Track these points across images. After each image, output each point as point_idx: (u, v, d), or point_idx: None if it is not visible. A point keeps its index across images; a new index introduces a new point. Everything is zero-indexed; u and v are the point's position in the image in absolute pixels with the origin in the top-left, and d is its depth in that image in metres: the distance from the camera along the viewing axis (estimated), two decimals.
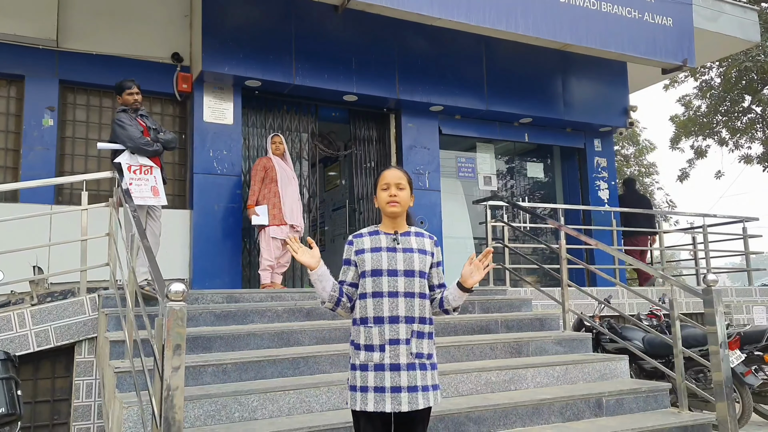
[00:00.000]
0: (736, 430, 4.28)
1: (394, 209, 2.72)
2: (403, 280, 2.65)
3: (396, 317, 2.62)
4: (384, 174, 2.79)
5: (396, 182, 2.74)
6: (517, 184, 9.94)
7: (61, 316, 4.90)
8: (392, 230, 2.77)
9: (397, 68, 8.05)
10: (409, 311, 2.63)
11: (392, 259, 2.68)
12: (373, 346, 2.62)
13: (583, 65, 9.30)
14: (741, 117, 16.98)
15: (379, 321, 2.63)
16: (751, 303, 8.90)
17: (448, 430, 3.98)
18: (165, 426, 2.65)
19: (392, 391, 2.55)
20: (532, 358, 5.22)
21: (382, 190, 2.76)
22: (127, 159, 5.50)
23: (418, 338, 2.63)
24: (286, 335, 4.81)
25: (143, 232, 3.94)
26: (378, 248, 2.71)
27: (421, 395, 2.58)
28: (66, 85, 6.96)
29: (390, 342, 2.60)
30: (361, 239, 2.78)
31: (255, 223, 6.63)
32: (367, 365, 2.62)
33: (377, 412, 2.55)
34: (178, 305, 2.73)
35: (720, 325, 4.35)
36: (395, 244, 2.71)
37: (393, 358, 2.59)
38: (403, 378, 2.57)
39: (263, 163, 6.77)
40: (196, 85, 7.20)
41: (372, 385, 2.58)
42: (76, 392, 4.90)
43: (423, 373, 2.61)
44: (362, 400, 2.59)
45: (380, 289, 2.64)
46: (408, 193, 2.77)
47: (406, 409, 2.54)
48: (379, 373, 2.59)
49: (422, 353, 2.63)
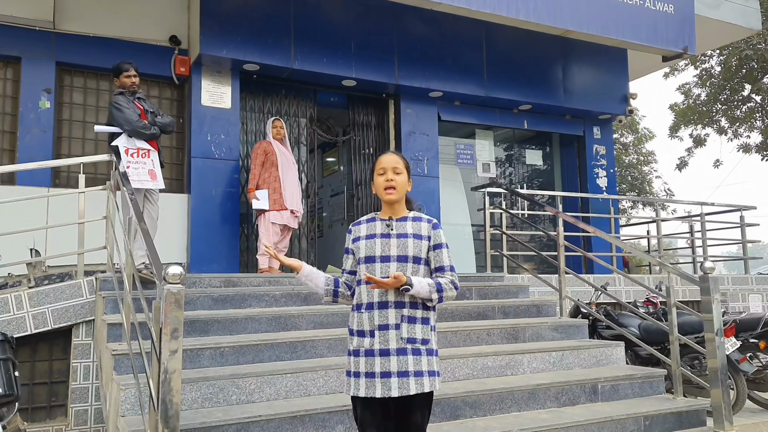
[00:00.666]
0: (730, 416, 4.31)
1: (391, 196, 2.71)
2: (396, 265, 2.65)
3: (386, 303, 2.62)
4: (381, 159, 2.78)
5: (393, 167, 2.73)
6: (516, 172, 9.93)
7: (58, 299, 4.90)
8: (389, 216, 2.76)
9: (397, 53, 8.00)
10: (399, 296, 2.62)
11: (386, 245, 2.68)
12: (363, 331, 2.63)
13: (583, 52, 9.26)
14: (740, 106, 16.95)
15: (369, 307, 2.64)
16: (747, 291, 8.94)
17: (445, 414, 4.00)
18: (162, 408, 2.66)
19: (382, 377, 2.55)
20: (528, 344, 5.24)
21: (378, 176, 2.75)
22: (124, 142, 5.47)
23: (409, 323, 2.61)
24: (283, 319, 4.81)
25: (141, 216, 3.93)
26: (373, 235, 2.72)
27: (413, 380, 2.55)
28: (63, 67, 6.91)
29: (379, 327, 2.60)
30: (359, 227, 2.81)
31: (255, 207, 6.58)
32: (359, 350, 2.63)
33: (375, 398, 2.55)
34: (175, 288, 2.73)
35: (716, 312, 4.37)
36: (389, 230, 2.71)
37: (382, 343, 2.58)
38: (393, 363, 2.56)
39: (263, 146, 6.73)
40: (194, 68, 7.15)
41: (363, 370, 2.59)
42: (74, 374, 4.91)
43: (416, 358, 2.58)
44: (355, 385, 2.60)
45: (372, 274, 2.64)
46: (405, 177, 2.76)
47: (396, 394, 2.52)
48: (369, 358, 2.59)
49: (415, 338, 2.60)
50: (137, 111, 5.54)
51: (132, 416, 3.50)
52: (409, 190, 2.82)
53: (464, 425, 3.91)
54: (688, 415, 4.45)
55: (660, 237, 9.52)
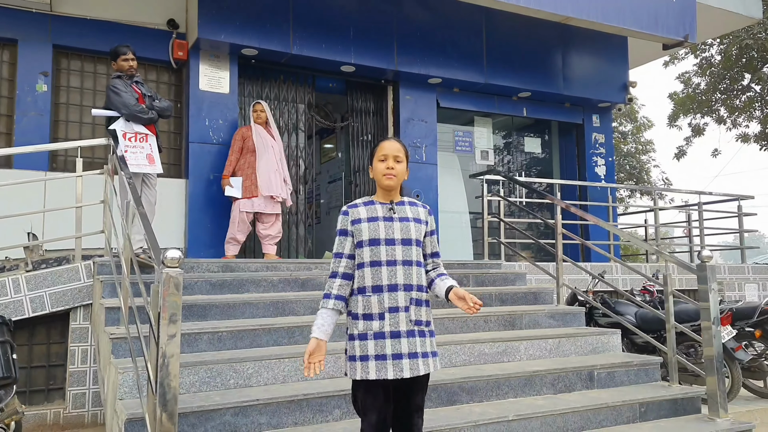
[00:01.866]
0: (725, 403, 4.34)
1: (390, 182, 2.71)
2: (401, 248, 2.65)
3: (395, 285, 2.62)
4: (382, 145, 2.75)
5: (394, 155, 2.71)
6: (514, 159, 9.91)
7: (56, 283, 4.90)
8: (387, 200, 2.76)
9: (396, 39, 7.96)
10: (408, 279, 2.64)
11: (389, 228, 2.67)
12: (372, 314, 2.62)
13: (583, 39, 9.22)
14: (740, 95, 16.92)
15: (378, 290, 2.63)
16: (743, 280, 8.98)
17: (441, 400, 4.02)
18: (160, 392, 2.67)
19: (393, 358, 2.57)
20: (525, 330, 5.26)
21: (379, 161, 2.73)
22: (122, 126, 5.45)
23: (416, 306, 2.64)
24: (281, 305, 4.82)
25: (139, 200, 3.92)
26: (375, 218, 2.70)
27: (422, 361, 2.60)
28: (60, 50, 6.86)
29: (390, 310, 2.61)
30: (357, 209, 2.75)
31: (228, 194, 6.55)
32: (366, 334, 2.62)
33: (378, 380, 2.57)
34: (174, 272, 2.73)
35: (713, 301, 4.38)
36: (392, 214, 2.71)
37: (393, 325, 2.60)
38: (404, 345, 2.59)
39: (242, 132, 6.67)
40: (192, 52, 7.10)
41: (372, 353, 2.59)
42: (72, 358, 4.93)
43: (422, 340, 2.63)
44: (363, 368, 2.58)
45: (378, 258, 2.63)
46: (404, 166, 2.76)
47: (408, 375, 2.55)
48: (379, 341, 2.59)
49: (421, 320, 2.65)
50: (135, 95, 5.51)
51: (130, 399, 3.51)
52: (406, 179, 2.81)
53: (461, 411, 3.93)
54: (683, 402, 4.47)
55: (657, 226, 9.53)
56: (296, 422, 3.60)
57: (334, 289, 2.68)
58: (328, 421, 3.68)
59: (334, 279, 2.70)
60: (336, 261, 2.73)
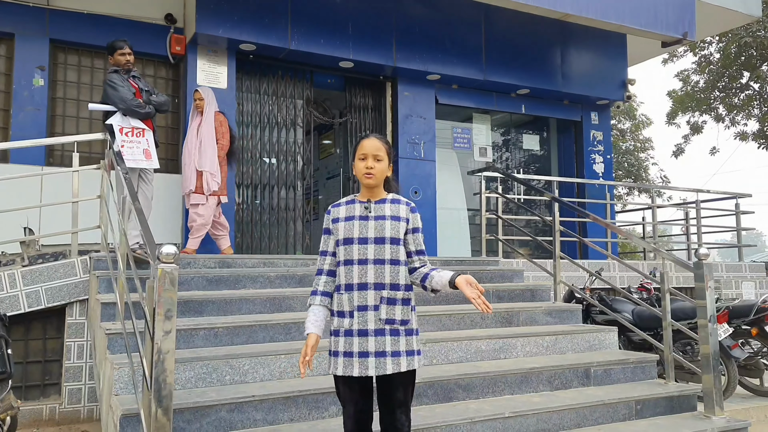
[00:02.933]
0: (721, 401, 4.35)
1: (370, 181, 2.71)
2: (373, 247, 2.65)
3: (365, 284, 2.63)
4: (363, 143, 2.73)
5: (374, 154, 2.70)
6: (513, 156, 9.91)
7: (52, 278, 4.89)
8: (368, 198, 2.76)
9: (395, 35, 7.94)
10: (379, 278, 2.63)
11: (363, 227, 2.68)
12: (343, 312, 2.65)
13: (582, 37, 9.20)
14: (738, 93, 16.92)
15: (349, 288, 2.65)
16: (740, 278, 8.99)
17: (438, 396, 4.02)
18: (156, 387, 2.66)
19: (360, 356, 2.59)
20: (522, 327, 5.26)
21: (359, 160, 2.73)
22: (119, 121, 5.42)
23: (388, 305, 2.63)
24: (278, 301, 4.81)
25: (135, 195, 3.90)
26: (351, 217, 2.72)
27: (390, 360, 2.59)
28: (57, 44, 6.83)
29: (358, 308, 2.62)
30: (338, 208, 2.80)
31: None
32: (339, 330, 2.66)
33: (355, 377, 2.59)
34: (169, 267, 2.72)
35: (710, 298, 4.38)
36: (367, 213, 2.71)
37: (361, 324, 2.61)
38: (371, 343, 2.59)
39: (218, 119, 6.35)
40: (190, 47, 7.07)
41: (342, 350, 2.63)
42: (68, 353, 4.91)
43: (394, 338, 2.62)
44: (334, 364, 2.65)
45: (351, 257, 2.66)
46: (386, 164, 2.74)
47: (372, 373, 2.57)
48: (348, 338, 2.62)
49: (393, 319, 2.62)
50: (132, 89, 5.49)
51: (125, 395, 3.50)
52: (389, 175, 2.80)
53: (457, 408, 3.93)
54: (679, 400, 4.48)
55: (655, 223, 9.54)
56: (292, 418, 3.60)
57: (320, 286, 2.77)
58: (323, 417, 3.67)
59: (319, 276, 2.79)
60: (321, 258, 2.80)
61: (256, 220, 7.59)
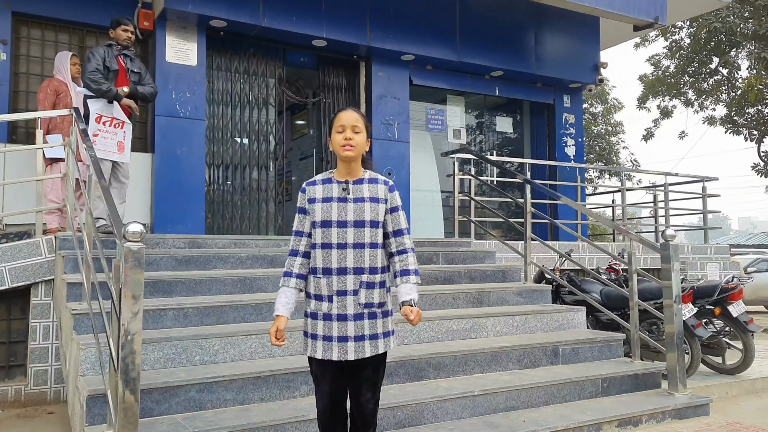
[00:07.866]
0: (684, 379, 4.46)
1: (349, 153, 2.63)
2: (353, 231, 2.61)
3: (344, 269, 2.59)
4: (340, 116, 2.68)
5: (352, 125, 2.64)
6: (486, 139, 9.94)
7: (16, 257, 4.77)
8: (345, 177, 2.69)
9: (369, 14, 7.85)
10: (359, 262, 2.60)
11: (342, 210, 2.62)
12: (322, 296, 2.61)
13: (556, 19, 9.22)
14: (707, 78, 17.19)
15: (327, 272, 2.60)
16: (705, 260, 9.20)
17: (409, 375, 4.05)
18: (123, 368, 2.63)
19: (339, 341, 2.57)
20: (493, 308, 5.32)
21: (337, 133, 2.65)
22: (99, 108, 5.31)
23: (367, 289, 2.61)
24: (249, 281, 4.78)
25: (101, 173, 3.82)
26: (329, 198, 2.64)
27: (369, 344, 2.59)
28: (20, 17, 6.59)
29: (338, 293, 2.59)
30: (314, 187, 2.70)
31: (49, 155, 5.57)
32: (317, 314, 2.63)
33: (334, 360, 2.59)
34: (135, 246, 2.67)
35: (675, 279, 4.47)
36: (345, 194, 2.65)
37: (340, 308, 2.59)
38: (350, 328, 2.58)
39: (54, 86, 5.88)
40: (159, 23, 6.90)
41: (321, 333, 2.60)
42: (33, 334, 4.82)
43: (372, 322, 2.61)
44: (312, 347, 2.63)
45: (329, 240, 2.60)
46: (364, 137, 2.68)
47: (352, 357, 2.57)
48: (327, 322, 2.60)
49: (372, 303, 2.61)
50: (116, 66, 5.44)
51: (92, 376, 3.46)
52: (367, 150, 2.74)
53: (428, 386, 3.96)
54: (645, 378, 4.59)
55: (624, 206, 9.68)
56: (263, 398, 3.60)
57: (295, 268, 2.69)
58: (294, 397, 3.68)
59: (294, 257, 2.71)
60: (296, 239, 2.72)
61: (227, 200, 7.49)
